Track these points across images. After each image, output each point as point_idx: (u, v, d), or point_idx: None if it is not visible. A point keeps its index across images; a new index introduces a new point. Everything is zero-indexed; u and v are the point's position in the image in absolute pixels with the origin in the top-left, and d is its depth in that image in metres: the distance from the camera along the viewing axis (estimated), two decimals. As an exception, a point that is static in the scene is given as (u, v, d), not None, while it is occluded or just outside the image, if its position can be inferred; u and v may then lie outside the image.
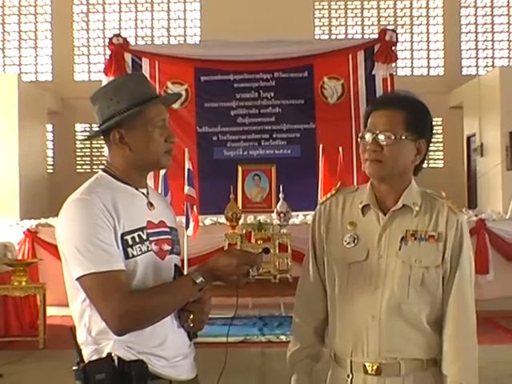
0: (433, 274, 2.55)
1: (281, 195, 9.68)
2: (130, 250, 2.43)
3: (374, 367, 2.54)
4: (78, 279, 2.37)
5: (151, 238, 2.51)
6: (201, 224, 10.24)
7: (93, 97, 2.60)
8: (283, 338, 8.10)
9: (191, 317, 2.52)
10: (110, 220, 2.40)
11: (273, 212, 9.85)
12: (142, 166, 2.58)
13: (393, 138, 2.53)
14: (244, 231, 9.41)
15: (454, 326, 2.55)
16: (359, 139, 2.64)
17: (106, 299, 2.32)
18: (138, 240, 2.46)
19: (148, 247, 2.48)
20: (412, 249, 2.55)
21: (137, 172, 2.59)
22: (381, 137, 2.55)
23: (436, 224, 2.58)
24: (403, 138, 2.54)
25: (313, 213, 2.85)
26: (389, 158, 2.54)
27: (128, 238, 2.43)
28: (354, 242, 2.60)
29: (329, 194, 2.78)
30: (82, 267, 2.34)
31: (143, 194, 2.60)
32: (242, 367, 6.72)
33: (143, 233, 2.48)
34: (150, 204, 2.59)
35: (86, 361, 2.41)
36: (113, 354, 2.38)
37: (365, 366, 2.55)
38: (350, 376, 2.59)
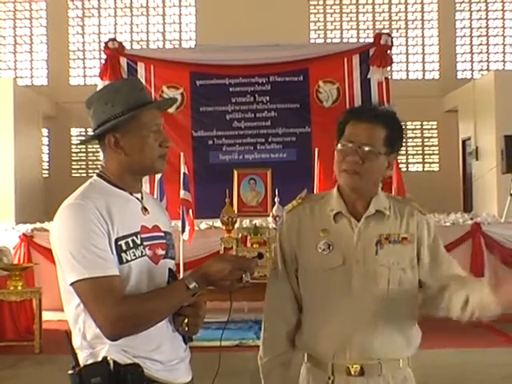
0: (409, 274, 2.64)
1: (276, 199, 9.68)
2: (123, 255, 2.43)
3: (358, 369, 2.59)
4: (71, 284, 2.38)
5: (145, 243, 2.51)
6: (196, 228, 10.25)
7: (87, 101, 2.61)
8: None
9: (186, 321, 2.52)
10: (103, 225, 2.41)
11: (268, 216, 9.84)
12: (136, 170, 2.59)
13: (373, 152, 2.60)
14: (240, 235, 9.42)
15: (455, 271, 2.70)
16: (339, 146, 2.67)
17: (99, 304, 2.33)
18: (131, 245, 2.46)
19: (142, 252, 2.49)
20: (388, 252, 2.62)
21: (131, 176, 2.59)
22: (365, 149, 2.59)
23: (407, 226, 2.67)
24: (381, 153, 2.62)
25: None
26: (367, 171, 2.62)
27: (122, 243, 2.44)
28: (328, 248, 2.65)
29: (295, 203, 2.83)
30: (76, 272, 2.35)
31: (137, 198, 2.60)
32: (236, 371, 6.71)
33: (137, 238, 2.49)
34: (144, 209, 2.60)
35: (82, 365, 2.42)
36: (108, 358, 2.38)
37: (348, 367, 2.60)
38: (332, 378, 2.63)
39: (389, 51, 12.70)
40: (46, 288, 8.31)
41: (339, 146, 2.66)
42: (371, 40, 13.24)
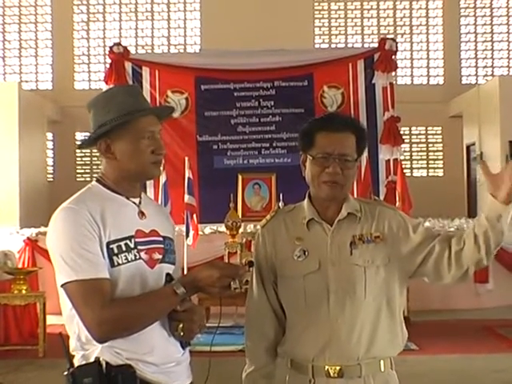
0: (382, 272, 2.65)
1: (281, 204, 9.68)
2: (115, 258, 2.45)
3: (337, 370, 2.61)
4: (62, 286, 2.41)
5: (140, 247, 2.52)
6: (201, 233, 10.24)
7: (88, 105, 2.65)
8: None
9: (180, 326, 2.53)
10: (95, 229, 2.43)
11: (273, 221, 9.84)
12: (129, 175, 2.60)
13: (352, 161, 2.66)
14: (244, 240, 9.41)
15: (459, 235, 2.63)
16: (316, 158, 2.68)
17: (86, 306, 2.36)
18: (124, 248, 2.48)
19: (136, 256, 2.50)
20: (362, 251, 2.65)
21: (127, 181, 2.61)
22: (344, 159, 2.65)
23: (378, 225, 2.70)
24: (355, 159, 2.69)
25: None
26: (347, 179, 2.68)
27: (114, 246, 2.46)
28: (304, 254, 2.69)
29: (268, 217, 2.88)
30: (66, 274, 2.38)
31: (134, 203, 2.61)
32: (237, 376, 6.72)
33: (131, 241, 2.50)
34: (142, 213, 2.61)
35: (75, 366, 2.44)
36: (101, 359, 2.40)
37: (327, 369, 2.62)
38: (312, 381, 2.64)
39: (393, 56, 12.73)
40: (50, 292, 8.29)
41: (316, 157, 2.68)
42: (376, 45, 13.29)
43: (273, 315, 2.80)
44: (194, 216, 9.72)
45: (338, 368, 2.60)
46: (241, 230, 9.75)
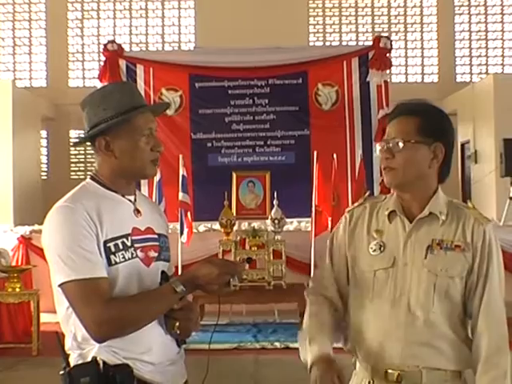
0: (458, 283, 2.55)
1: (275, 202, 9.68)
2: (112, 257, 2.44)
3: (395, 374, 2.53)
4: (59, 286, 2.40)
5: (136, 245, 2.52)
6: (195, 230, 10.24)
7: (82, 103, 2.63)
8: (277, 344, 8.10)
9: (177, 324, 2.52)
10: (92, 227, 2.42)
11: (267, 218, 9.84)
12: (127, 174, 2.59)
13: (402, 143, 2.54)
14: (238, 238, 9.41)
15: (486, 338, 2.53)
16: (379, 152, 2.65)
17: (85, 306, 2.35)
18: (121, 247, 2.47)
19: (133, 254, 2.49)
20: (438, 258, 2.54)
21: (123, 179, 2.60)
22: (391, 144, 2.56)
23: (462, 234, 2.57)
24: (413, 142, 2.54)
25: (307, 219, 2.87)
26: (401, 164, 2.56)
27: (111, 244, 2.45)
28: (380, 249, 2.61)
29: (356, 203, 2.79)
30: (64, 274, 2.37)
31: (130, 200, 2.61)
32: (235, 374, 6.72)
33: (127, 240, 2.49)
34: (137, 211, 2.60)
35: (72, 365, 2.43)
36: (98, 358, 2.40)
37: (386, 372, 2.55)
38: (372, 382, 2.58)
39: (388, 54, 12.72)
40: (43, 290, 8.27)
41: (379, 149, 2.65)
42: (370, 43, 13.28)
43: (336, 288, 2.73)
44: (189, 214, 9.71)
45: (396, 373, 2.53)
46: (235, 228, 9.76)
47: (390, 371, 2.54)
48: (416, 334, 2.52)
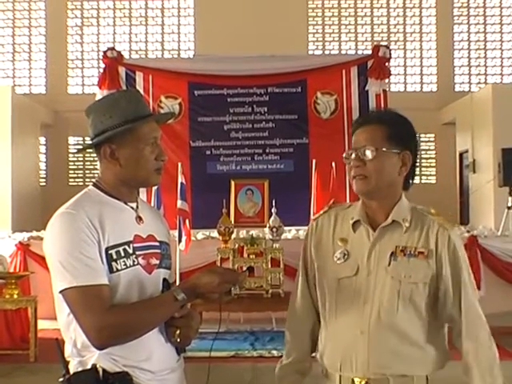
0: (421, 289, 2.57)
1: (273, 210, 9.67)
2: (114, 264, 2.44)
3: (363, 382, 2.54)
4: (60, 292, 2.39)
5: (138, 252, 2.51)
6: (193, 238, 10.22)
7: (87, 110, 2.62)
8: (275, 352, 8.08)
9: (178, 332, 2.52)
10: (94, 234, 2.42)
11: (265, 227, 9.82)
12: (131, 182, 2.59)
13: (374, 151, 2.55)
14: (236, 246, 9.39)
15: (474, 342, 2.62)
16: (344, 159, 2.66)
17: (86, 313, 2.34)
18: (123, 254, 2.47)
19: (134, 261, 2.49)
20: (401, 264, 2.56)
21: (126, 187, 2.60)
22: (363, 151, 2.57)
23: (426, 241, 2.59)
24: (384, 150, 2.57)
25: (305, 228, 2.88)
26: (372, 171, 2.57)
27: (112, 252, 2.44)
28: (344, 257, 2.62)
29: (321, 211, 2.81)
30: (65, 281, 2.37)
31: (132, 208, 2.61)
32: (232, 382, 6.71)
33: (129, 247, 2.49)
34: (139, 218, 2.60)
35: (72, 373, 2.43)
36: (97, 366, 2.39)
37: (353, 381, 2.56)
38: None
39: (387, 63, 12.74)
40: (41, 296, 8.27)
41: (345, 157, 2.66)
42: (369, 52, 13.30)
43: (314, 312, 2.76)
44: (187, 221, 9.69)
45: (364, 381, 2.54)
46: (233, 236, 9.74)
47: (357, 379, 2.55)
48: (381, 342, 2.54)
